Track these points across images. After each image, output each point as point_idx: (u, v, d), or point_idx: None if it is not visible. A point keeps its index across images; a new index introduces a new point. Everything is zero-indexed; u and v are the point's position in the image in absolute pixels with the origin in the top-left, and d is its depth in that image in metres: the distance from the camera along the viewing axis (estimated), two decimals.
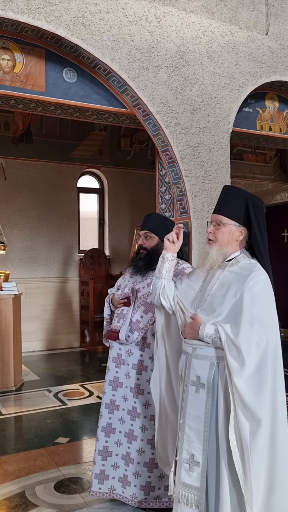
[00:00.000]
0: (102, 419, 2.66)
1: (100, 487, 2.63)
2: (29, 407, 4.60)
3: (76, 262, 8.00)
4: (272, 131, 5.90)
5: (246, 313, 1.84)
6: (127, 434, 2.59)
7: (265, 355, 1.80)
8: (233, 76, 5.26)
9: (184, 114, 4.95)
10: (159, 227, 2.68)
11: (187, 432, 1.92)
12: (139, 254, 2.67)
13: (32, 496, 2.82)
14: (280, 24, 5.69)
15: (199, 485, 1.85)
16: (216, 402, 1.87)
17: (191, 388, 1.93)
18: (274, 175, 9.61)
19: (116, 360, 2.65)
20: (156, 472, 2.55)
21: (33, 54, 4.41)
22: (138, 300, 2.59)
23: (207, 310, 1.95)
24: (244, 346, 1.79)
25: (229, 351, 1.81)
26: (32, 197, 7.64)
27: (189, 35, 4.97)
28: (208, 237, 2.05)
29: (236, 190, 2.09)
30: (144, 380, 2.56)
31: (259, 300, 1.86)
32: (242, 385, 1.77)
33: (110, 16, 4.50)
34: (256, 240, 2.00)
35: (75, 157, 7.93)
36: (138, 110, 4.84)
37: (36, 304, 7.52)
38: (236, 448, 1.78)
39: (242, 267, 1.96)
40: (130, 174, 8.44)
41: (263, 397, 1.78)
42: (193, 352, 1.94)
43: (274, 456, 1.82)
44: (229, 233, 2.00)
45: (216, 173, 5.17)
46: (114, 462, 2.63)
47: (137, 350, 2.57)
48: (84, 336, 7.88)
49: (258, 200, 2.05)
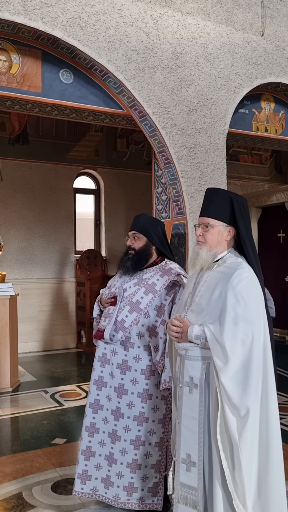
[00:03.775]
0: (86, 418, 2.65)
1: (82, 487, 2.61)
2: (26, 408, 4.59)
3: (72, 263, 8.00)
4: (268, 132, 5.93)
5: (230, 312, 1.86)
6: (110, 434, 2.58)
7: (251, 352, 1.82)
8: (229, 78, 5.28)
9: (181, 115, 4.97)
10: (148, 228, 2.70)
11: (183, 433, 1.93)
12: (127, 255, 2.68)
13: (29, 497, 2.82)
14: (275, 25, 5.71)
15: (196, 485, 1.87)
16: (208, 402, 1.89)
17: (185, 389, 1.95)
18: (269, 176, 9.64)
19: (101, 360, 2.64)
20: (139, 473, 2.53)
21: (29, 55, 4.42)
22: (124, 300, 2.59)
23: (196, 311, 1.99)
24: (229, 344, 1.81)
25: (214, 350, 1.84)
26: (29, 198, 7.64)
27: (185, 36, 4.98)
28: (197, 240, 2.07)
29: (220, 191, 2.14)
30: (128, 380, 2.55)
31: (243, 298, 1.87)
32: (228, 383, 1.79)
33: (107, 18, 4.51)
34: (243, 238, 2.03)
35: (71, 158, 7.93)
36: (135, 111, 4.86)
37: (33, 305, 7.52)
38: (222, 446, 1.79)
39: (228, 266, 1.99)
40: (126, 175, 8.45)
41: (250, 393, 1.80)
42: (186, 354, 1.97)
43: (267, 450, 1.84)
44: (218, 233, 2.03)
45: (212, 174, 5.19)
46: (97, 462, 2.61)
47: (122, 349, 2.57)
48: (81, 337, 7.88)
49: (242, 198, 2.09)
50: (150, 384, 2.55)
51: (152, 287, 2.54)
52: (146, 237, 2.67)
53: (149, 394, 2.54)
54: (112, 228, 8.49)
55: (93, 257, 8.12)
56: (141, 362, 2.55)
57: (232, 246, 2.07)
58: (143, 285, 2.57)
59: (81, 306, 7.83)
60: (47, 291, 7.73)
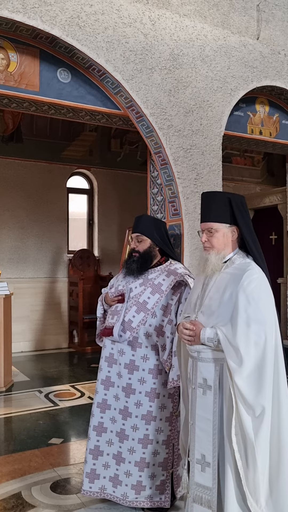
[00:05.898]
0: (94, 418, 2.67)
1: (90, 486, 2.63)
2: (21, 408, 4.57)
3: (65, 262, 7.98)
4: (262, 135, 5.98)
5: (242, 314, 1.87)
6: (118, 434, 2.60)
7: (264, 353, 1.84)
8: (225, 80, 5.32)
9: (177, 116, 4.99)
10: (151, 229, 2.69)
11: (197, 434, 1.95)
12: (132, 257, 2.68)
13: (28, 496, 2.81)
14: (270, 29, 5.77)
15: (211, 485, 1.89)
16: (221, 403, 1.91)
17: (199, 390, 1.96)
18: (262, 178, 9.72)
19: (108, 360, 2.66)
20: (147, 472, 2.55)
21: (27, 54, 4.40)
22: (130, 300, 2.59)
23: (207, 313, 1.99)
24: (243, 346, 1.83)
25: (227, 352, 1.85)
26: (22, 197, 7.59)
27: (183, 38, 5.01)
28: (204, 246, 2.07)
29: (217, 193, 2.14)
30: (136, 379, 2.57)
31: (254, 299, 1.89)
32: (242, 384, 1.81)
33: (105, 18, 4.51)
34: (245, 236, 2.04)
35: (65, 158, 7.91)
36: (132, 111, 4.86)
37: (25, 304, 7.48)
38: (238, 446, 1.82)
39: (237, 267, 2.00)
40: (120, 175, 8.45)
41: (265, 393, 1.82)
42: (199, 356, 1.98)
43: (279, 447, 1.88)
44: (223, 236, 2.04)
45: (208, 176, 5.22)
46: (105, 461, 2.63)
47: (129, 349, 2.58)
48: (73, 336, 7.85)
49: (240, 197, 2.10)
50: (158, 383, 2.57)
51: (158, 287, 2.56)
52: (149, 239, 2.68)
53: (156, 393, 2.56)
54: (105, 228, 8.48)
55: (86, 257, 8.11)
56: (148, 361, 2.56)
57: (238, 246, 2.08)
58: (149, 285, 2.58)
59: (74, 306, 7.81)
60: (39, 291, 7.70)
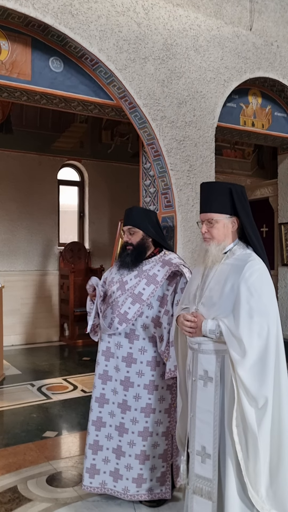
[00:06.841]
0: (92, 413, 2.65)
1: (91, 481, 2.62)
2: (13, 402, 4.53)
3: (55, 255, 7.91)
4: (255, 126, 5.97)
5: (244, 305, 1.86)
6: (117, 428, 2.59)
7: (267, 344, 1.84)
8: (218, 71, 5.28)
9: (171, 107, 4.95)
10: (143, 220, 2.66)
11: (198, 426, 1.94)
12: (126, 250, 2.65)
13: (24, 490, 2.78)
14: (263, 20, 5.75)
15: (211, 477, 1.88)
16: (222, 395, 1.90)
17: (199, 382, 1.95)
18: (252, 171, 9.74)
19: (105, 354, 2.63)
20: (148, 464, 2.55)
21: (19, 42, 4.31)
22: (126, 292, 2.58)
23: (208, 305, 1.98)
24: (246, 337, 1.82)
25: (230, 343, 1.84)
26: (12, 189, 7.49)
27: (176, 28, 4.96)
28: (204, 237, 2.05)
29: (217, 184, 2.11)
30: (134, 372, 2.56)
31: (257, 290, 1.88)
32: (245, 375, 1.81)
33: (98, 6, 4.44)
34: (245, 226, 2.02)
35: (55, 149, 7.81)
36: (125, 102, 4.81)
37: (15, 297, 7.40)
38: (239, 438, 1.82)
39: (238, 258, 1.99)
40: (111, 167, 8.39)
41: (268, 384, 1.82)
42: (199, 348, 1.97)
43: (279, 438, 1.88)
44: (223, 227, 2.02)
45: (201, 167, 5.20)
46: (105, 456, 2.62)
47: (126, 342, 2.57)
48: (64, 330, 7.81)
49: (240, 187, 2.08)
50: (156, 375, 2.55)
51: (153, 278, 2.53)
52: (142, 231, 2.65)
53: (155, 385, 2.55)
54: (95, 221, 8.43)
55: (77, 250, 8.05)
56: (146, 354, 2.55)
57: (238, 236, 2.07)
58: (144, 276, 2.56)
59: (64, 299, 7.76)
60: (30, 284, 7.63)
